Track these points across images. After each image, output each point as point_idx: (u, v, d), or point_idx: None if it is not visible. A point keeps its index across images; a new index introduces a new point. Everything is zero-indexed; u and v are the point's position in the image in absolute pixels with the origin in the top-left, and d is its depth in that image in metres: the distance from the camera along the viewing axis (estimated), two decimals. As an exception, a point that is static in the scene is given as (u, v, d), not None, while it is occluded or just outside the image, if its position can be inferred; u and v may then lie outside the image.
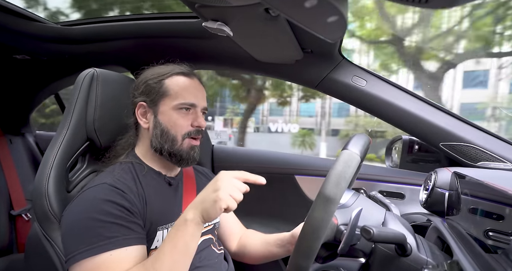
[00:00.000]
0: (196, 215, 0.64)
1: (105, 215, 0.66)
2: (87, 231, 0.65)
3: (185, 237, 0.64)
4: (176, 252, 0.63)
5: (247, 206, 1.38)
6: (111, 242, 0.65)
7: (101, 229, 0.65)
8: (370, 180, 1.19)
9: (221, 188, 0.62)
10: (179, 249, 0.64)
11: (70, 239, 0.67)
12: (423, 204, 0.87)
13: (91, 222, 0.66)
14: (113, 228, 0.66)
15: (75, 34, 1.24)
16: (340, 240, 0.60)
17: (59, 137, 0.83)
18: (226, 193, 0.62)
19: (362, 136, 0.60)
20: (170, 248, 0.64)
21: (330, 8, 0.40)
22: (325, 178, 0.53)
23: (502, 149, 0.94)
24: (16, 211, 1.56)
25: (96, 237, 0.64)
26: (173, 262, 0.63)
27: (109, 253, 0.64)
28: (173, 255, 0.63)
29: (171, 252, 0.63)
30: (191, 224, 0.64)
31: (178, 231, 0.65)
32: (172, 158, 0.81)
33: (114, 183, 0.72)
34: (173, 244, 0.64)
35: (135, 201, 0.72)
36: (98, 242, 0.64)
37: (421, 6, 0.33)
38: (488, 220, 0.55)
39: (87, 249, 0.63)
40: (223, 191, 0.62)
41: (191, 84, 0.83)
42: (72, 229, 0.68)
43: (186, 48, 1.19)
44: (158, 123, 0.81)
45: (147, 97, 0.82)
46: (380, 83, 1.06)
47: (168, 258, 0.63)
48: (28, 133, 1.85)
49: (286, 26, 0.80)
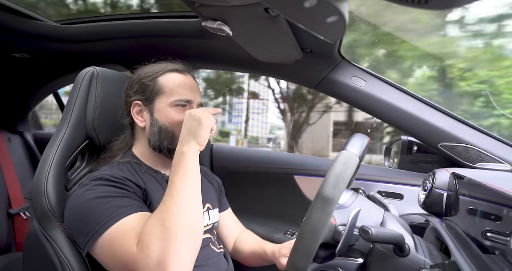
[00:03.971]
0: (191, 145, 0.71)
1: (113, 192, 0.68)
2: (102, 206, 0.66)
3: (188, 166, 0.69)
4: (187, 179, 0.67)
5: (246, 206, 1.39)
6: (127, 209, 0.66)
7: (113, 201, 0.67)
8: (368, 180, 1.19)
9: (198, 115, 0.72)
10: (189, 177, 0.68)
11: (85, 222, 0.66)
12: (421, 204, 0.88)
13: (101, 199, 0.67)
14: (124, 200, 0.68)
15: (75, 32, 1.24)
16: (338, 240, 0.60)
17: (58, 135, 0.83)
18: (205, 117, 0.72)
19: (361, 136, 0.60)
20: (180, 180, 0.67)
21: (330, 8, 0.40)
22: (324, 179, 0.53)
23: (500, 150, 0.94)
24: (14, 209, 1.56)
25: (110, 210, 0.65)
26: (187, 188, 0.66)
27: (128, 217, 0.65)
28: (185, 185, 0.67)
29: (183, 182, 0.67)
30: (189, 153, 0.70)
31: (180, 164, 0.69)
32: (171, 154, 0.81)
33: (113, 174, 0.73)
34: (181, 176, 0.67)
35: (136, 189, 0.73)
36: (116, 211, 0.65)
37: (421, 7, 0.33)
38: (486, 221, 0.55)
39: (107, 220, 0.64)
40: (201, 115, 0.72)
41: (186, 81, 0.84)
42: (83, 212, 0.67)
43: (185, 48, 1.19)
44: (155, 120, 0.81)
45: (142, 96, 0.82)
46: (380, 84, 1.06)
47: (182, 190, 0.66)
48: (27, 132, 1.85)
49: (285, 26, 0.80)
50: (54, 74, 1.63)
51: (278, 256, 0.85)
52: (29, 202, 1.60)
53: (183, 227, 0.61)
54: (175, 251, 0.59)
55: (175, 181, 0.67)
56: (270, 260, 0.89)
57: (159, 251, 0.59)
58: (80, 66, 0.93)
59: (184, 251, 0.60)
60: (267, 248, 0.90)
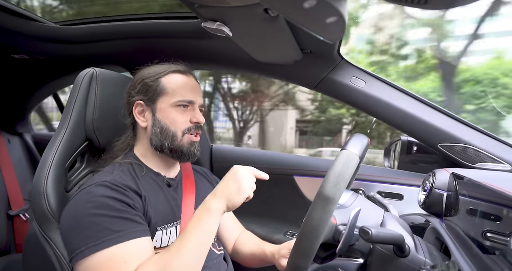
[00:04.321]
0: (220, 204, 0.69)
1: (109, 210, 0.67)
2: (94, 226, 0.65)
3: (209, 224, 0.68)
4: (201, 239, 0.67)
5: (246, 206, 1.38)
6: (120, 235, 0.65)
7: (107, 223, 0.65)
8: (368, 180, 1.19)
9: (242, 179, 0.70)
10: (204, 236, 0.67)
11: (75, 236, 0.66)
12: (421, 205, 0.88)
13: (96, 217, 0.66)
14: (120, 222, 0.66)
15: (74, 34, 1.24)
16: (339, 240, 0.60)
17: (58, 137, 0.83)
18: (247, 183, 0.70)
19: (361, 136, 0.60)
20: (194, 236, 0.66)
21: (329, 9, 0.40)
22: (324, 178, 0.53)
23: (500, 150, 0.94)
24: (14, 211, 1.55)
25: (103, 232, 0.64)
26: (198, 247, 0.66)
27: (119, 245, 0.64)
28: (198, 241, 0.66)
29: (196, 239, 0.66)
30: (215, 212, 0.68)
31: (202, 219, 0.68)
32: (173, 154, 0.82)
33: (114, 181, 0.72)
34: (197, 232, 0.67)
35: (136, 199, 0.72)
36: (107, 236, 0.64)
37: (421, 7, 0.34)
38: (486, 221, 0.55)
39: (96, 244, 0.63)
40: (245, 181, 0.70)
41: (188, 82, 0.84)
42: (76, 225, 0.67)
43: (185, 49, 1.19)
44: (157, 120, 0.81)
45: (144, 96, 0.82)
46: (379, 84, 1.06)
47: (193, 245, 0.65)
48: (26, 133, 1.85)
49: (285, 26, 0.80)
50: (53, 75, 1.63)
51: (277, 257, 0.85)
52: (29, 203, 1.60)
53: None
54: None
55: (189, 236, 0.66)
56: (269, 261, 0.89)
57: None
58: (79, 67, 0.93)
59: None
60: (266, 249, 0.90)
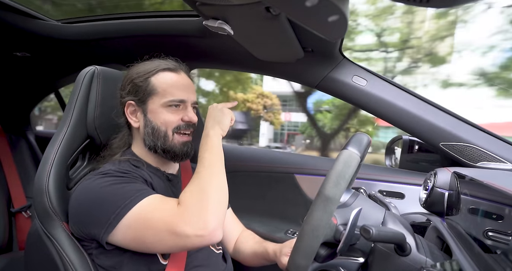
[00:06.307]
0: (216, 129, 0.80)
1: (125, 180, 0.71)
2: (117, 192, 0.68)
3: (213, 144, 0.77)
4: (215, 157, 0.76)
5: (247, 205, 1.39)
6: (143, 193, 0.68)
7: (129, 187, 0.69)
8: (370, 179, 1.19)
9: (218, 107, 0.84)
10: (215, 154, 0.76)
11: (101, 207, 0.67)
12: (422, 204, 0.87)
13: (117, 185, 0.69)
14: (138, 184, 0.72)
15: (76, 31, 1.24)
16: (340, 239, 0.60)
17: (59, 135, 0.83)
18: (224, 108, 0.85)
19: (362, 135, 0.60)
20: (208, 156, 0.75)
21: (331, 7, 0.40)
22: (325, 178, 0.53)
23: (502, 149, 0.93)
24: (16, 208, 1.56)
25: (129, 193, 0.67)
26: (216, 163, 0.75)
27: (151, 196, 0.68)
28: (214, 158, 0.75)
29: (211, 157, 0.75)
30: (214, 137, 0.78)
31: (206, 144, 0.77)
32: (166, 154, 0.82)
33: (119, 170, 0.74)
34: (209, 153, 0.76)
35: (144, 182, 0.75)
36: (135, 193, 0.67)
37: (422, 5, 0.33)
38: (487, 220, 0.55)
39: (127, 203, 0.66)
40: (221, 107, 0.84)
41: (179, 80, 0.83)
42: (99, 199, 0.68)
43: (187, 47, 1.19)
44: (148, 121, 0.81)
45: (135, 97, 0.81)
46: (381, 83, 1.06)
47: (212, 162, 0.74)
48: (28, 131, 1.85)
49: (286, 25, 0.80)
50: (55, 73, 1.63)
51: (279, 255, 0.85)
52: (31, 201, 1.60)
53: (216, 190, 0.69)
54: (212, 210, 0.66)
55: (205, 156, 0.75)
56: (272, 260, 0.89)
57: (200, 210, 0.65)
58: (81, 65, 0.93)
59: (218, 209, 0.67)
60: (268, 247, 0.90)
